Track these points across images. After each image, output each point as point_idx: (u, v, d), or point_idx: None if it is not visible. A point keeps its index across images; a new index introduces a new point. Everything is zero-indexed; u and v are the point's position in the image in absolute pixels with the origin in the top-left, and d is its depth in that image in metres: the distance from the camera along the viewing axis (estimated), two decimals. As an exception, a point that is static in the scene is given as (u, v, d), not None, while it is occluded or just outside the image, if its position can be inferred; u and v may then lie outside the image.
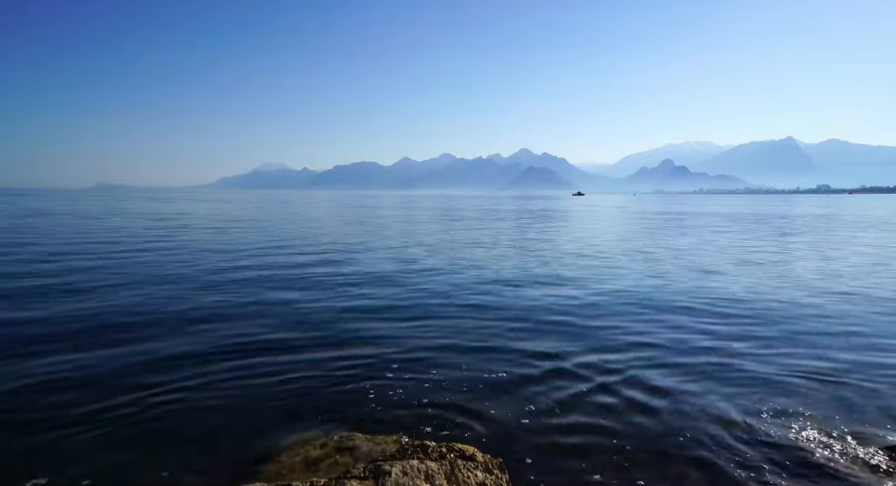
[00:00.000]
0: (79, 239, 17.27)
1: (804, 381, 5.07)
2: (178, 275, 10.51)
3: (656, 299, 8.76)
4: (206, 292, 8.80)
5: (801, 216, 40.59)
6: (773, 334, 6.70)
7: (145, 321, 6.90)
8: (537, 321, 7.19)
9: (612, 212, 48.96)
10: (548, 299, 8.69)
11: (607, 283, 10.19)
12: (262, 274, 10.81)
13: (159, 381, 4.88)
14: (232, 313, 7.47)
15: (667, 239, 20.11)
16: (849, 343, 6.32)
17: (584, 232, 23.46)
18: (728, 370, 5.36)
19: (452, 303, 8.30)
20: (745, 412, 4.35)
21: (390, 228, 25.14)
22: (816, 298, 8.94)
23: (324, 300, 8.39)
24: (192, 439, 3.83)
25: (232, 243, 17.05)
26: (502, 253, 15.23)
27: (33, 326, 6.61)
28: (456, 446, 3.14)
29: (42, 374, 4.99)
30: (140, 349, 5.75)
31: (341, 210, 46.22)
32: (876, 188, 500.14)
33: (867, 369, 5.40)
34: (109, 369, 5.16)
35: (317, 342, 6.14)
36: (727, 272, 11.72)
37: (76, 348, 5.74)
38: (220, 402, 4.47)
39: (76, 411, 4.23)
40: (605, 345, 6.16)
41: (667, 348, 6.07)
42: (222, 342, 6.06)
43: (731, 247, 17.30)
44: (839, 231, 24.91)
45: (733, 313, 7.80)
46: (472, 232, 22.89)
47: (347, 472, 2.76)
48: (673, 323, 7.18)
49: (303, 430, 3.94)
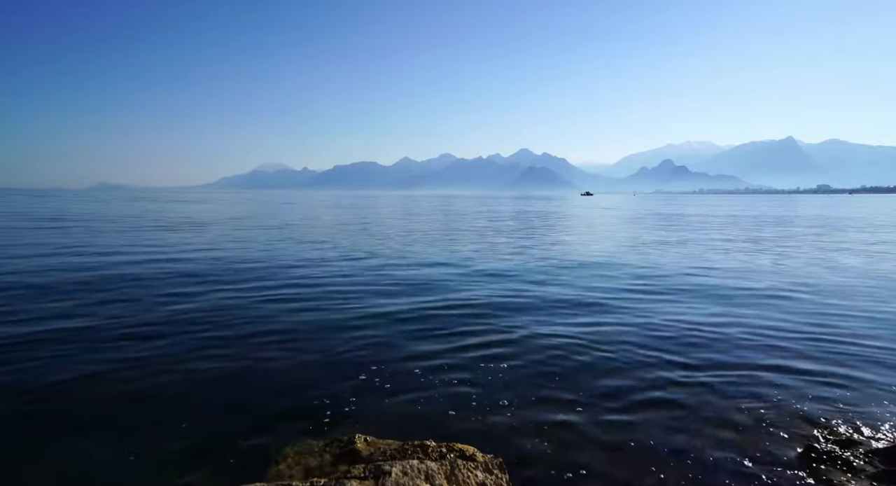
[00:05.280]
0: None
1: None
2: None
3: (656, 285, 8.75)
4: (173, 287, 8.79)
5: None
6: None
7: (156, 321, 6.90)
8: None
9: (670, 216, 47.52)
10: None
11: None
12: (292, 274, 10.79)
13: (157, 379, 4.89)
14: (232, 314, 7.47)
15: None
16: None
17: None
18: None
19: (453, 302, 8.30)
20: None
21: (455, 233, 24.80)
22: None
23: (318, 299, 8.40)
24: (191, 439, 3.83)
25: (274, 249, 16.95)
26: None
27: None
28: (456, 446, 3.14)
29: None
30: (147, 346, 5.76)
31: (373, 212, 44.26)
32: (876, 188, 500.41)
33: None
34: (110, 367, 5.17)
35: (317, 342, 6.14)
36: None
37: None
38: (220, 401, 4.48)
39: (76, 412, 4.23)
40: (607, 344, 6.16)
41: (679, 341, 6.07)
42: (209, 341, 6.07)
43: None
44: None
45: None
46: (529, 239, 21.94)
47: (347, 472, 2.76)
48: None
49: (303, 430, 3.94)
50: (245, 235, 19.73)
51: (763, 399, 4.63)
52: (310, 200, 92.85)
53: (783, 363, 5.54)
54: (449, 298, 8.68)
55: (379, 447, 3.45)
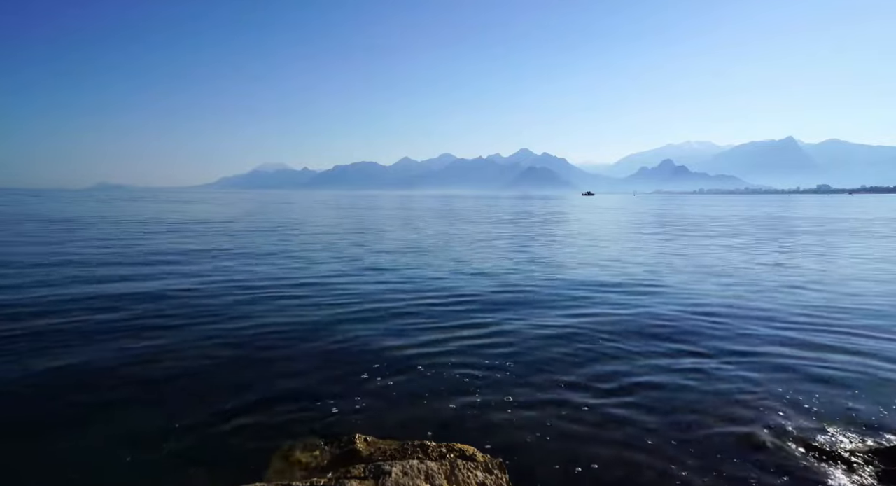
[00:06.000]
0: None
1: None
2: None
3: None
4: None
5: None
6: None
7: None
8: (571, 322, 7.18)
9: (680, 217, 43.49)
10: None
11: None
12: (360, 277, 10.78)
13: (156, 376, 4.89)
14: (227, 311, 7.48)
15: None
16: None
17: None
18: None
19: (452, 300, 8.30)
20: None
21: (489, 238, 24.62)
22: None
23: (318, 299, 8.40)
24: (191, 438, 3.83)
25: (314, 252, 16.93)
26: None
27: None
28: (456, 446, 3.14)
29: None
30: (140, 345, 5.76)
31: (395, 213, 42.62)
32: (876, 188, 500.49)
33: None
34: (111, 365, 5.17)
35: (317, 342, 6.14)
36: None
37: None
38: (219, 400, 4.47)
39: (78, 411, 4.24)
40: (608, 345, 6.16)
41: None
42: (213, 341, 6.07)
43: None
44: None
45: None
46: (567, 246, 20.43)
47: (347, 472, 2.76)
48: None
49: (303, 429, 3.93)
50: (251, 234, 19.76)
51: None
52: (308, 200, 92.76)
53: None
54: (449, 297, 8.71)
55: (379, 447, 3.45)
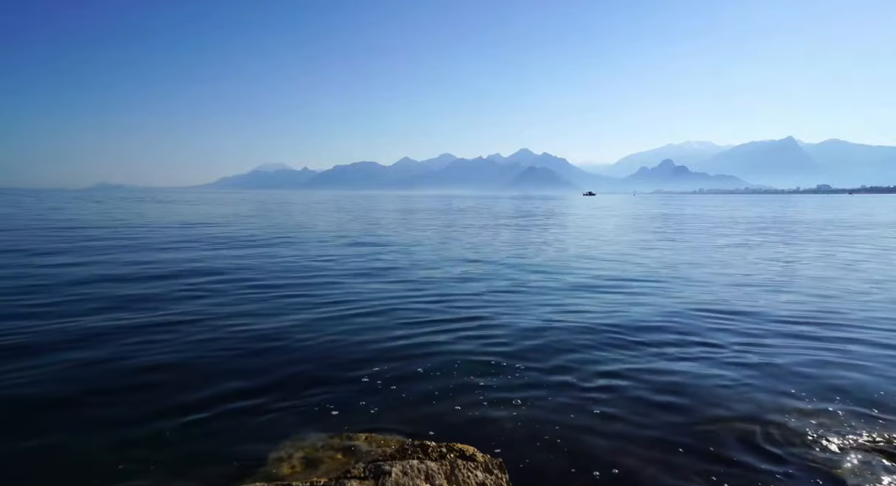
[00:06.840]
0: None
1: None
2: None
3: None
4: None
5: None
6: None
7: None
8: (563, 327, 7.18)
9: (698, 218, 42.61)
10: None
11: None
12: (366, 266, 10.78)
13: (152, 378, 4.90)
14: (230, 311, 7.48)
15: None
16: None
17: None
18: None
19: (454, 304, 8.31)
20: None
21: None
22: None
23: (317, 298, 8.40)
24: (190, 437, 3.83)
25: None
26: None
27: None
28: (456, 446, 3.13)
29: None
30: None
31: (395, 213, 42.02)
32: (876, 188, 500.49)
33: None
34: (110, 362, 5.17)
35: (316, 341, 6.14)
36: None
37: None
38: (217, 397, 4.47)
39: (85, 411, 4.24)
40: (609, 344, 6.16)
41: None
42: (212, 339, 6.07)
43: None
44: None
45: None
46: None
47: (347, 472, 2.76)
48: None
49: (303, 429, 3.94)
50: (262, 229, 19.75)
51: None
52: (307, 200, 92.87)
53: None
54: (449, 296, 8.71)
55: (379, 447, 3.45)
